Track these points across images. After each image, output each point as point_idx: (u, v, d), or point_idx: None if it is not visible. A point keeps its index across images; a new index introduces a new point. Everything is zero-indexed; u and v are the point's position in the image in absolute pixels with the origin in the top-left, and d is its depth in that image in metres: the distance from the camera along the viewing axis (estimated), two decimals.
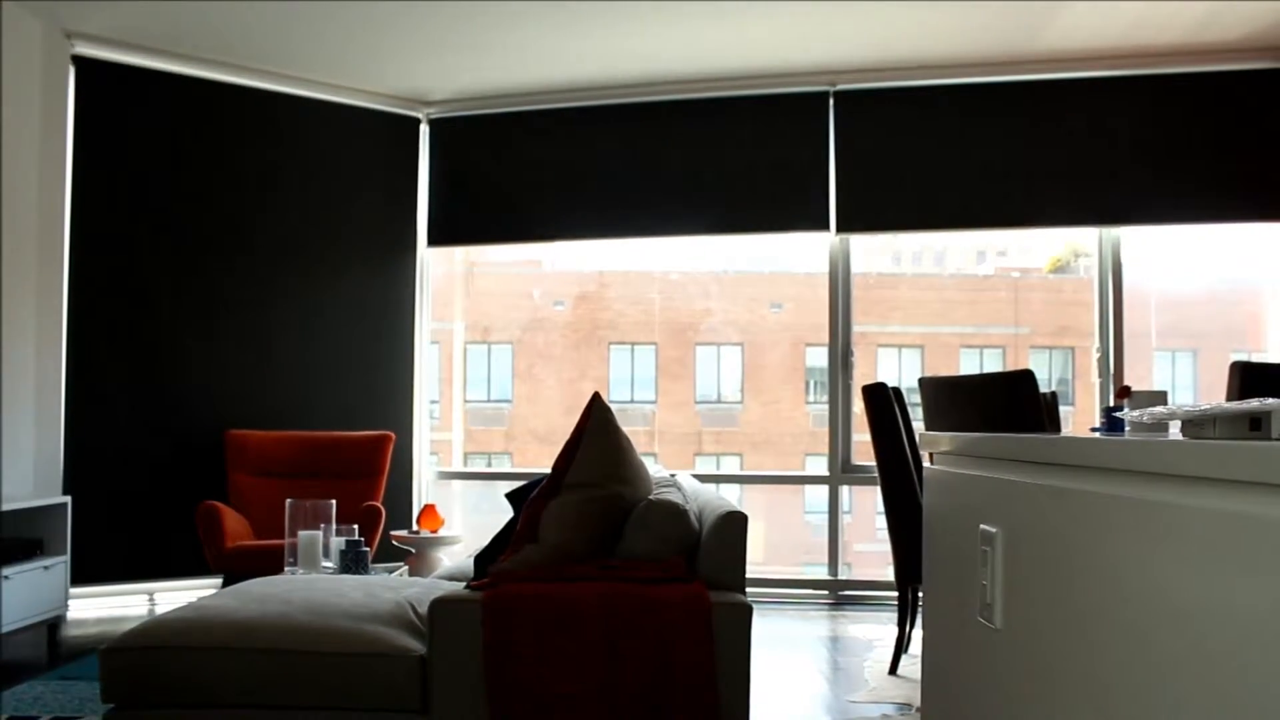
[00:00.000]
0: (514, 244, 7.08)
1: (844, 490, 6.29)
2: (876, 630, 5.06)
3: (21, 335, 5.23)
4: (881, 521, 4.28)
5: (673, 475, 3.76)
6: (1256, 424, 1.12)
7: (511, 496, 3.14)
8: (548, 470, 2.88)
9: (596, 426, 2.86)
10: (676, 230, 6.59)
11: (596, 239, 6.86)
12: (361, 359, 6.50)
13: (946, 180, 6.08)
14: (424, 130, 6.74)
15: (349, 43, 5.74)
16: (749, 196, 6.33)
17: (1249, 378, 3.60)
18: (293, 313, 6.30)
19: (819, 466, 6.44)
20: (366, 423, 6.26)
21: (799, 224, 6.31)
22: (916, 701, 3.67)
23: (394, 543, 5.63)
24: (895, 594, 4.28)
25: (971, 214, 6.18)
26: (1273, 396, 1.13)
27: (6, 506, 4.44)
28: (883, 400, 4.08)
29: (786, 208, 6.28)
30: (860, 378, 5.99)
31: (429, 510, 5.65)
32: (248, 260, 6.18)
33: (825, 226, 6.19)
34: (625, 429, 2.99)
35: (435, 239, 6.77)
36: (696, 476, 4.46)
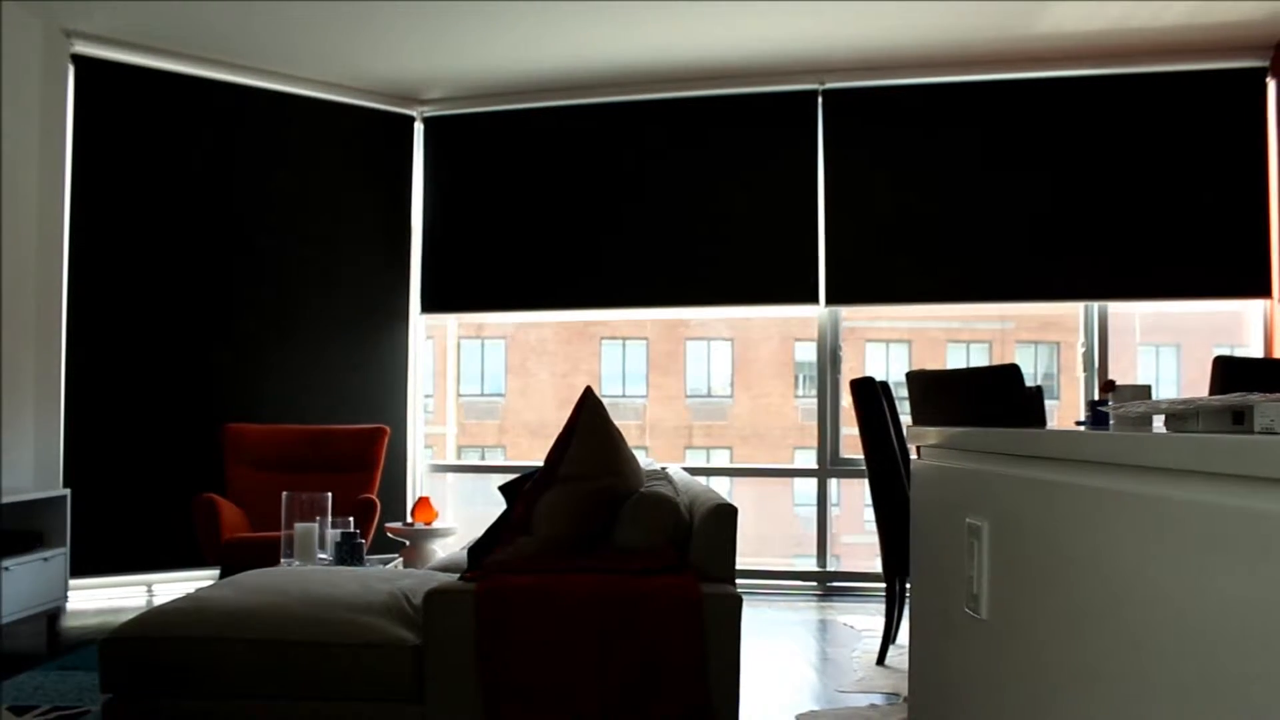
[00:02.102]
0: (499, 312, 7.06)
1: (832, 483, 6.32)
2: (864, 621, 5.09)
3: (22, 331, 5.26)
4: (870, 514, 4.30)
5: (663, 468, 3.79)
6: (1239, 418, 1.14)
7: (505, 489, 3.16)
8: (540, 463, 2.91)
9: (588, 420, 2.88)
10: (667, 302, 6.55)
11: (582, 309, 6.83)
12: (357, 354, 6.53)
13: (935, 247, 6.07)
14: (418, 129, 6.78)
15: (344, 40, 5.75)
16: (739, 258, 6.32)
17: (1231, 372, 3.64)
18: (290, 308, 6.33)
19: (808, 460, 6.48)
20: (362, 416, 6.32)
21: (788, 297, 6.31)
22: (904, 691, 3.70)
23: (389, 535, 5.65)
24: (883, 585, 4.31)
25: (962, 285, 6.11)
26: (1255, 391, 1.15)
27: (7, 499, 4.45)
28: (870, 395, 4.11)
29: (776, 277, 6.27)
30: (849, 372, 6.02)
31: (423, 503, 5.67)
32: (245, 256, 6.20)
33: (815, 300, 6.22)
34: (617, 423, 3.02)
35: (427, 304, 6.79)
36: (687, 469, 4.50)
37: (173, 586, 5.63)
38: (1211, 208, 5.77)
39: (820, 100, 6.23)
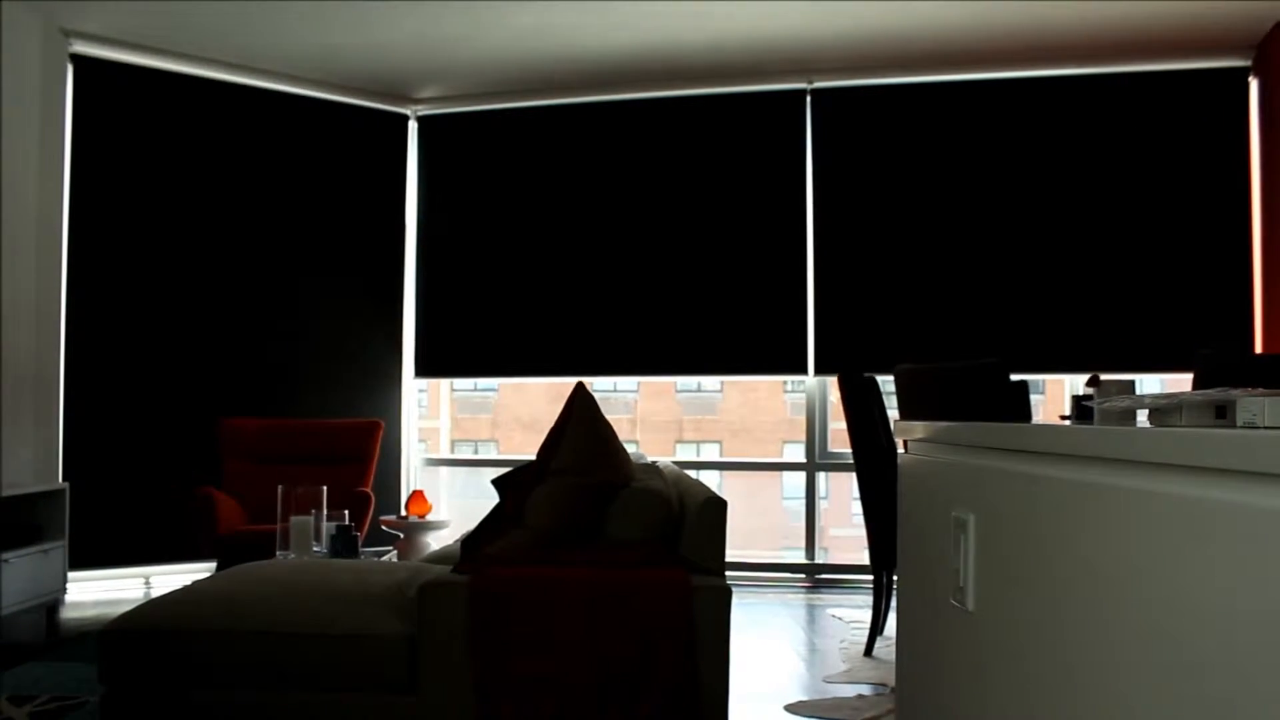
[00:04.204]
0: (489, 377, 7.07)
1: (821, 476, 6.37)
2: (852, 613, 5.12)
3: (21, 327, 5.30)
4: (857, 507, 4.33)
5: (654, 462, 3.81)
6: (1221, 412, 1.14)
7: (498, 482, 3.18)
8: (533, 457, 2.93)
9: (580, 415, 2.91)
10: (657, 369, 6.59)
11: (572, 376, 6.85)
12: (351, 349, 6.57)
13: (922, 298, 6.11)
14: (412, 127, 6.80)
15: (340, 39, 5.77)
16: (727, 312, 6.37)
17: (1214, 368, 3.67)
18: (285, 304, 6.37)
19: (796, 454, 6.52)
20: (356, 411, 6.36)
21: (779, 367, 6.34)
22: (891, 682, 3.73)
23: (383, 527, 5.69)
24: (871, 577, 4.34)
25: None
26: (1236, 386, 1.16)
27: (7, 492, 4.48)
28: (858, 390, 4.14)
29: (769, 350, 6.31)
30: None
31: (417, 496, 5.71)
32: (241, 253, 6.24)
33: (804, 370, 6.26)
34: (608, 417, 3.04)
35: (421, 369, 6.83)
36: (677, 463, 4.52)
37: (170, 579, 5.67)
38: (1195, 230, 5.80)
39: (809, 100, 6.27)
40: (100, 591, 5.54)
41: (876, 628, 4.25)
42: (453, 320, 6.75)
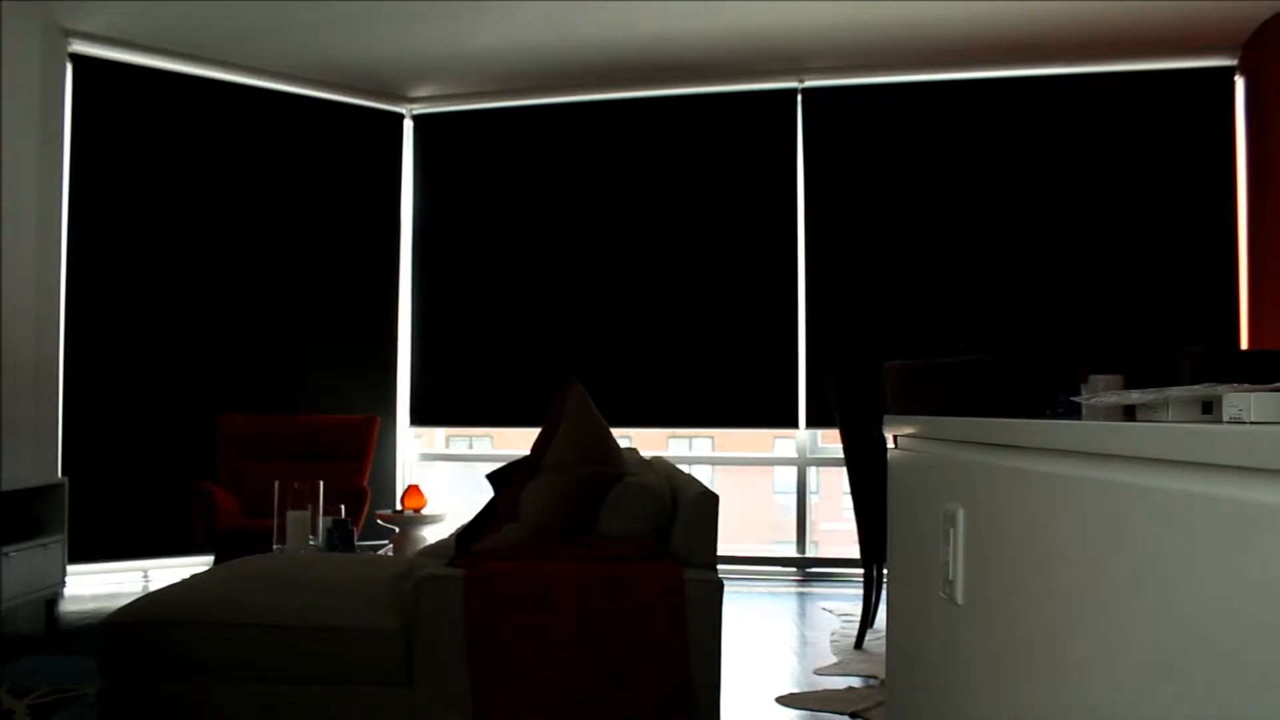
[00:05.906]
0: (475, 427, 7.12)
1: (812, 471, 6.40)
2: (843, 606, 5.16)
3: (21, 323, 5.33)
4: (848, 501, 4.37)
5: (647, 457, 3.83)
6: (1208, 408, 1.16)
7: (493, 477, 3.19)
8: (527, 452, 2.95)
9: (573, 410, 2.92)
10: (655, 421, 6.60)
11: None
12: (348, 345, 6.59)
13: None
14: (408, 126, 6.82)
15: (336, 37, 5.79)
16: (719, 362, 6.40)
17: (1201, 365, 3.70)
18: (283, 301, 6.39)
19: (788, 449, 6.55)
20: (353, 407, 6.37)
21: (770, 420, 6.36)
22: (881, 674, 3.76)
23: (379, 522, 5.71)
24: (861, 571, 4.37)
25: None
26: (1222, 382, 1.18)
27: (7, 487, 4.50)
28: (849, 386, 4.17)
29: (760, 402, 6.32)
30: None
31: (413, 490, 5.73)
32: (239, 250, 6.26)
33: (795, 424, 6.29)
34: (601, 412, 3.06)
35: (417, 419, 6.83)
36: (670, 458, 4.55)
37: (168, 572, 5.68)
38: (1182, 228, 5.83)
39: (800, 100, 6.29)
40: (99, 585, 5.58)
41: (867, 621, 4.28)
42: (447, 354, 6.76)
